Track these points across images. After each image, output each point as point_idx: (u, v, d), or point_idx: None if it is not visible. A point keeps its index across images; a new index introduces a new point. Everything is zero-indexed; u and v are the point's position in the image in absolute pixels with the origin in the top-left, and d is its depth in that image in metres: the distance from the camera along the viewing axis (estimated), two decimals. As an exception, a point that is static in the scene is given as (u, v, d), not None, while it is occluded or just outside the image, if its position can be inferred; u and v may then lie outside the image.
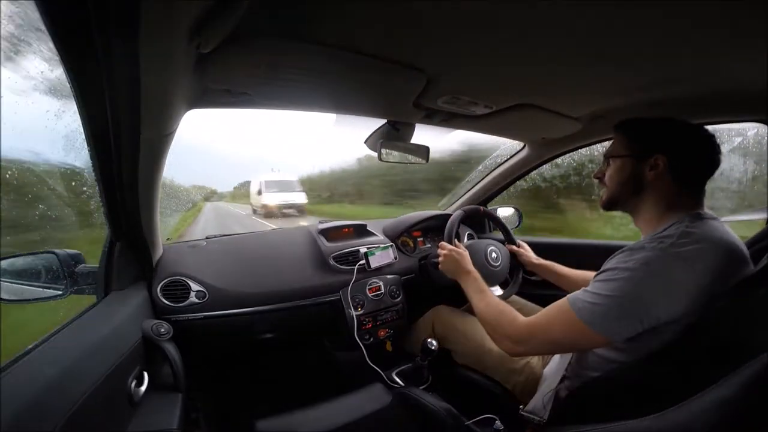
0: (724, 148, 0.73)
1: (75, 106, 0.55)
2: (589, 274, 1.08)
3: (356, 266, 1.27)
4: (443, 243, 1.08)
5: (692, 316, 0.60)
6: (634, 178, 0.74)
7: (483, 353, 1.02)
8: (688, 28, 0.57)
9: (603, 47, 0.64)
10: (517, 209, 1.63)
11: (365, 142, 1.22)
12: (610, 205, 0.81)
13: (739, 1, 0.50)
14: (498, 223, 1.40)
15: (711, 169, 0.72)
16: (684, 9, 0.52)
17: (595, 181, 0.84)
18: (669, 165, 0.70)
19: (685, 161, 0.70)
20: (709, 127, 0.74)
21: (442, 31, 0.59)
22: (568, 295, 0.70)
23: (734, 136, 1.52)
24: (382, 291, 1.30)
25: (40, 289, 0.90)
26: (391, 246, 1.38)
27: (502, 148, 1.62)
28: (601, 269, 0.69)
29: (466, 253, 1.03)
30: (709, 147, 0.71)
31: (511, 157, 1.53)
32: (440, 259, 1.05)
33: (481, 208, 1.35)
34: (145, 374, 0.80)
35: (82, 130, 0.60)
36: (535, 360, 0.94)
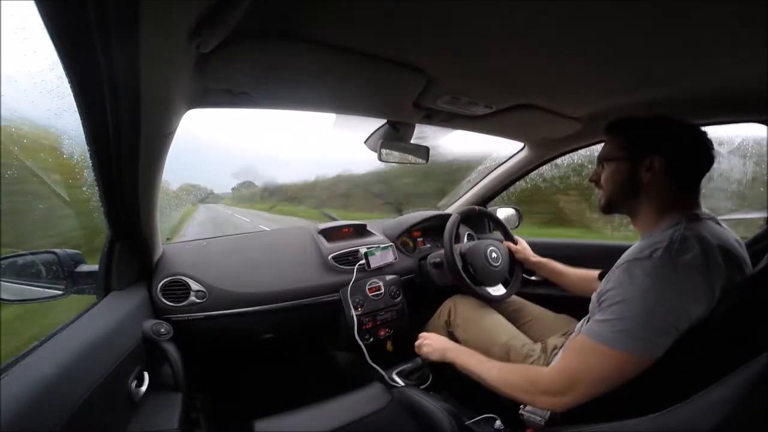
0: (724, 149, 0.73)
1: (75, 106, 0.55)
2: (588, 273, 1.08)
3: (356, 266, 1.27)
4: (423, 334, 1.04)
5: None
6: (630, 180, 0.73)
7: (491, 345, 1.02)
8: (687, 28, 0.57)
9: (603, 47, 0.64)
10: (517, 210, 1.63)
11: (365, 142, 1.23)
12: (608, 208, 0.80)
13: (739, 2, 0.50)
14: (495, 221, 1.40)
15: (706, 167, 0.71)
16: (684, 9, 0.52)
17: (591, 184, 0.83)
18: (665, 166, 0.69)
19: (681, 161, 0.70)
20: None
21: (442, 32, 0.59)
22: (585, 331, 0.66)
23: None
24: (382, 291, 1.30)
25: (41, 289, 0.90)
26: (391, 246, 1.38)
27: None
28: (607, 288, 0.66)
29: (441, 339, 0.99)
30: (703, 144, 0.71)
31: (511, 157, 1.53)
32: (425, 350, 0.99)
33: (476, 207, 1.35)
34: (146, 374, 0.80)
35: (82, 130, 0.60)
36: (539, 357, 0.94)
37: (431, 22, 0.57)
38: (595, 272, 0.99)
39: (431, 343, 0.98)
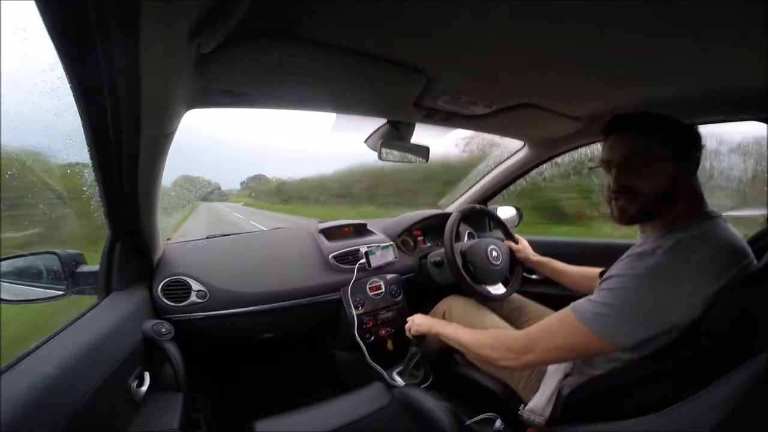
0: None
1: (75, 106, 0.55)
2: (588, 270, 1.08)
3: (357, 265, 1.27)
4: (409, 318, 1.10)
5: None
6: (674, 182, 0.66)
7: None
8: (688, 27, 0.57)
9: (603, 47, 0.64)
10: (517, 209, 1.63)
11: (366, 141, 1.23)
12: (641, 216, 0.70)
13: (739, 1, 0.50)
14: (496, 220, 1.41)
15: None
16: (684, 9, 0.52)
17: (609, 195, 0.72)
18: (695, 165, 0.68)
19: (699, 159, 0.69)
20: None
21: (443, 32, 0.59)
22: (572, 305, 0.69)
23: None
24: (383, 290, 1.30)
25: (42, 290, 0.90)
26: (392, 245, 1.38)
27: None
28: (607, 275, 0.67)
29: (425, 317, 1.08)
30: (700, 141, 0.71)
31: (511, 156, 1.53)
32: (413, 330, 1.06)
33: (477, 206, 1.35)
34: (146, 374, 0.80)
35: (83, 130, 0.60)
36: None
37: (431, 23, 0.57)
38: (596, 270, 0.99)
39: (414, 319, 1.07)
